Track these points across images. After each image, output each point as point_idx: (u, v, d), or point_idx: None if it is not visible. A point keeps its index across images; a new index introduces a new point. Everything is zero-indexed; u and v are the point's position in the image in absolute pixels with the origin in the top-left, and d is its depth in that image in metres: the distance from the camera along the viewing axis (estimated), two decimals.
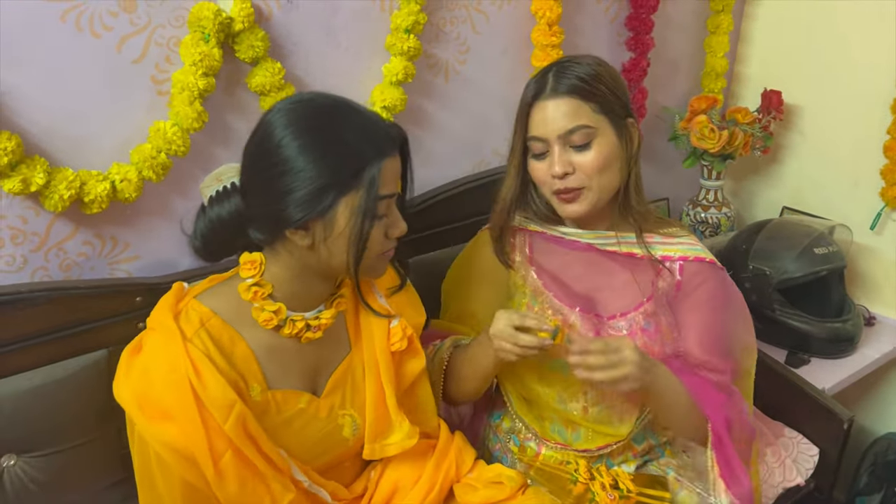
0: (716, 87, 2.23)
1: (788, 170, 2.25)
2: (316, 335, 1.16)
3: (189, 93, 1.27)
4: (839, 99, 2.08)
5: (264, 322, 1.11)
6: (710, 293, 1.35)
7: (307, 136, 1.04)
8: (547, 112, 1.25)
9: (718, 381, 1.33)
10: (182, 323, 1.07)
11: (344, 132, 1.05)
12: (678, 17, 2.12)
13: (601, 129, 1.24)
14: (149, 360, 1.05)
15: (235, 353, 1.10)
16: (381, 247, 1.10)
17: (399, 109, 1.56)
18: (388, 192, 1.07)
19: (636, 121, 1.30)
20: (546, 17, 1.72)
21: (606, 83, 1.25)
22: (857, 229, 2.04)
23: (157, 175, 1.29)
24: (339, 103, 1.09)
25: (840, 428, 1.64)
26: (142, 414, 1.02)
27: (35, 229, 1.26)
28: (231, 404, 1.03)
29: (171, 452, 1.02)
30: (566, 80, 1.24)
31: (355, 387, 1.22)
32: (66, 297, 1.25)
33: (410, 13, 1.51)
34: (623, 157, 1.27)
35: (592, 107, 1.23)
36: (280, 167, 1.03)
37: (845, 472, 1.83)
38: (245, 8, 1.31)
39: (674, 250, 1.35)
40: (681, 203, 2.27)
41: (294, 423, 1.15)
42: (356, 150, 1.04)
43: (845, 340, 1.90)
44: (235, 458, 1.03)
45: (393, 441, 1.21)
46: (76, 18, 1.20)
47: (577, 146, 1.24)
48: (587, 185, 1.26)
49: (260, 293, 1.11)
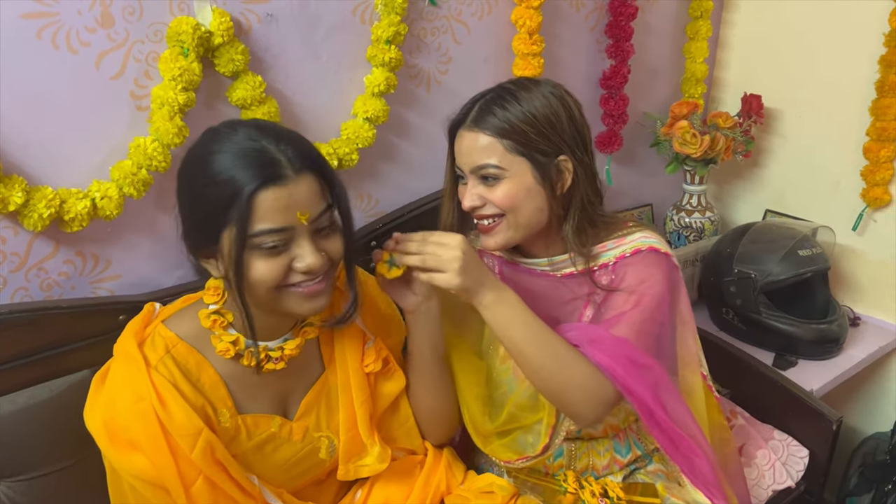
0: (696, 92, 2.24)
1: (770, 173, 2.27)
2: (278, 366, 1.12)
3: (169, 108, 1.26)
4: (818, 102, 2.09)
5: (221, 352, 1.08)
6: (633, 276, 1.24)
7: (188, 170, 1.02)
8: (463, 143, 1.23)
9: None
10: (147, 350, 1.06)
11: (216, 162, 0.97)
12: (657, 24, 2.13)
13: (513, 171, 1.19)
14: (114, 390, 1.03)
15: (202, 378, 1.08)
16: (278, 280, 1.00)
17: (382, 120, 1.55)
18: (268, 226, 0.96)
19: (577, 158, 1.22)
20: (526, 26, 1.73)
21: (535, 124, 1.18)
22: (840, 231, 2.06)
23: (137, 192, 1.27)
24: (224, 131, 1.01)
25: (829, 429, 1.64)
26: (111, 445, 1.01)
27: (14, 249, 1.24)
28: (197, 432, 1.02)
29: (144, 484, 1.01)
30: (486, 117, 1.20)
31: (330, 407, 1.20)
32: (48, 318, 1.23)
33: (391, 24, 1.50)
34: (543, 195, 1.21)
35: (507, 145, 1.19)
36: (178, 199, 1.04)
37: (835, 473, 1.84)
38: (224, 22, 1.30)
39: (617, 252, 1.27)
40: (664, 208, 2.28)
41: (265, 447, 1.13)
42: (226, 180, 0.95)
43: (831, 341, 1.91)
44: (206, 485, 1.02)
45: (367, 462, 1.20)
46: (52, 35, 1.18)
47: (487, 180, 1.21)
48: (503, 212, 1.22)
49: (219, 322, 1.09)
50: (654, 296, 1.22)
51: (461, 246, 1.11)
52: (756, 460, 1.62)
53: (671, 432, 1.22)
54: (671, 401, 1.22)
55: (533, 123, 1.18)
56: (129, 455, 1.00)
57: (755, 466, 1.60)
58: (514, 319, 1.15)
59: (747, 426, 1.70)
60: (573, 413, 1.19)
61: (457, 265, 1.10)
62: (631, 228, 1.30)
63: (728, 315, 1.98)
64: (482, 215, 1.24)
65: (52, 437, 1.22)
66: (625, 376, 1.15)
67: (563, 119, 1.21)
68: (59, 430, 1.22)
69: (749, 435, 1.67)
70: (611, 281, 1.26)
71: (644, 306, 1.21)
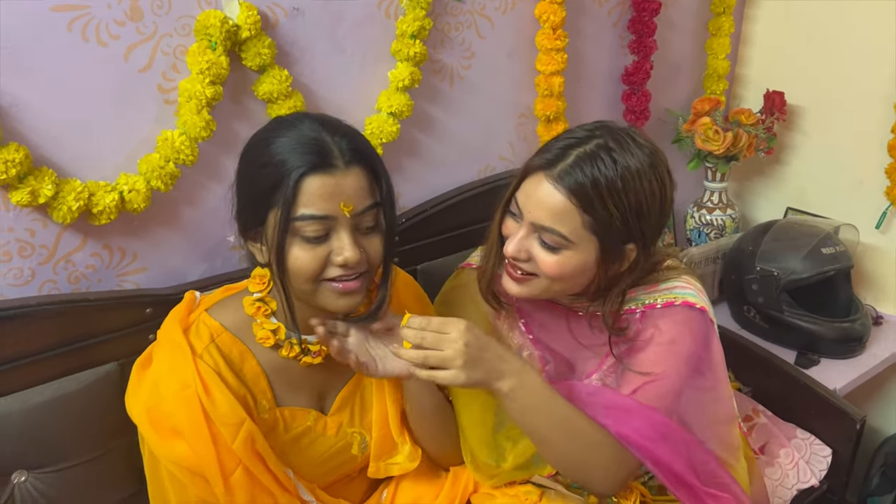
0: (718, 88, 2.22)
1: (792, 170, 2.25)
2: (315, 360, 1.12)
3: (196, 101, 1.26)
4: (842, 98, 2.08)
5: (261, 340, 1.09)
6: (663, 334, 1.13)
7: (248, 150, 1.05)
8: (538, 191, 1.07)
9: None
10: (192, 337, 1.06)
11: (274, 146, 1.00)
12: (680, 20, 2.11)
13: (580, 246, 1.06)
14: (159, 376, 1.04)
15: (245, 369, 1.09)
16: (316, 271, 1.00)
17: (406, 115, 1.55)
18: (311, 212, 0.97)
19: (644, 245, 1.11)
20: (550, 21, 1.72)
21: (625, 211, 1.03)
22: (863, 229, 2.04)
23: (165, 185, 1.28)
24: (291, 119, 1.05)
25: (852, 428, 1.63)
26: (153, 431, 1.02)
27: (43, 242, 1.24)
28: (240, 422, 1.02)
29: (183, 471, 1.02)
30: (579, 178, 1.03)
31: (364, 405, 1.20)
32: (75, 311, 1.23)
33: (416, 19, 1.50)
34: (595, 273, 1.10)
35: (587, 221, 1.04)
36: (236, 179, 1.06)
37: (857, 473, 1.82)
38: (252, 16, 1.30)
39: (647, 300, 1.17)
40: (685, 205, 2.27)
41: (301, 440, 1.14)
42: (278, 162, 0.98)
43: (854, 340, 1.90)
44: (245, 476, 1.03)
45: (398, 461, 1.21)
46: (83, 27, 1.18)
47: (544, 242, 1.08)
48: (539, 276, 1.11)
49: (263, 310, 1.10)
50: (687, 358, 1.12)
51: (464, 336, 1.00)
52: (779, 459, 1.61)
53: (701, 493, 1.14)
54: (702, 463, 1.15)
55: (624, 210, 1.04)
56: (171, 442, 1.01)
57: (778, 466, 1.59)
58: (536, 406, 1.05)
59: (770, 425, 1.69)
60: (593, 490, 1.16)
61: (460, 361, 0.99)
62: (666, 273, 1.18)
63: (750, 313, 1.97)
64: (519, 267, 1.12)
65: (80, 429, 1.22)
66: (654, 451, 1.08)
67: (655, 210, 1.08)
68: (87, 422, 1.23)
69: (772, 433, 1.66)
70: (637, 332, 1.15)
71: (675, 370, 1.11)
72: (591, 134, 1.09)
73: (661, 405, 1.10)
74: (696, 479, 1.12)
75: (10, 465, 1.18)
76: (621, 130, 1.10)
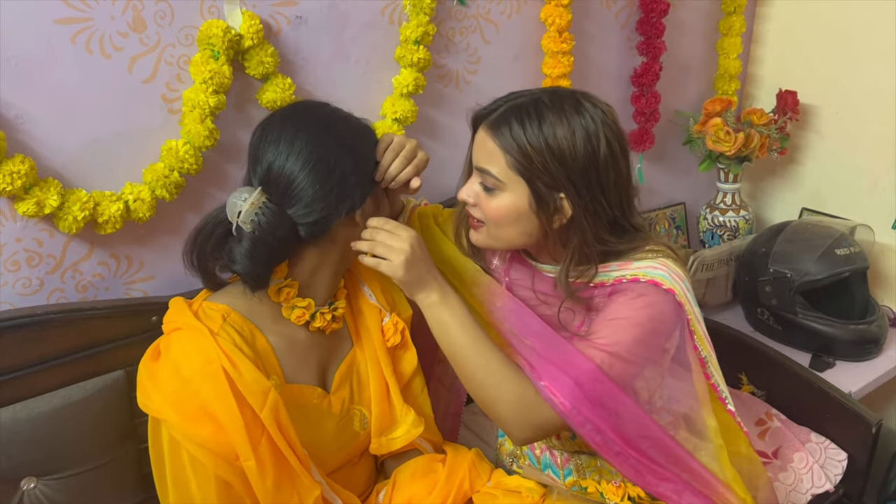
0: (729, 89, 2.20)
1: (806, 171, 2.22)
2: (338, 325, 1.21)
3: (200, 111, 1.27)
4: (855, 97, 2.05)
5: (297, 318, 1.16)
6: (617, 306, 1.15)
7: (326, 132, 1.13)
8: (476, 139, 1.18)
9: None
10: (204, 320, 1.09)
11: (356, 120, 1.20)
12: (689, 20, 2.10)
13: (511, 188, 1.12)
14: (179, 359, 1.05)
15: (257, 345, 1.12)
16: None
17: (411, 121, 1.55)
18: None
19: (582, 200, 1.11)
20: (556, 24, 1.71)
21: (543, 154, 1.09)
22: (878, 229, 2.01)
23: (170, 194, 1.29)
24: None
25: (868, 432, 1.60)
26: (177, 415, 1.03)
27: (50, 251, 1.26)
28: (266, 391, 1.05)
29: (206, 453, 1.03)
30: (502, 125, 1.12)
31: (360, 382, 1.25)
32: (83, 319, 1.24)
33: (419, 24, 1.50)
34: (535, 223, 1.14)
35: (509, 161, 1.11)
36: (315, 161, 1.09)
37: (874, 477, 1.79)
38: (254, 24, 1.31)
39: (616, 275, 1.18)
40: (698, 207, 2.25)
41: (310, 416, 1.17)
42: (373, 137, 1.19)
43: (870, 342, 1.87)
44: (269, 448, 1.04)
45: (398, 434, 1.26)
46: (86, 40, 1.20)
47: (485, 186, 1.15)
48: (486, 223, 1.18)
49: (290, 293, 1.15)
50: (644, 334, 1.13)
51: (411, 240, 1.13)
52: (793, 464, 1.58)
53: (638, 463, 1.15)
54: (645, 437, 1.15)
55: (541, 152, 1.09)
56: (196, 423, 1.02)
57: (792, 470, 1.57)
58: (452, 323, 1.14)
59: (783, 428, 1.67)
60: (502, 428, 1.18)
61: (402, 257, 1.12)
62: (644, 253, 1.18)
63: (763, 315, 1.94)
64: (471, 213, 1.21)
65: (88, 436, 1.23)
66: (580, 410, 1.09)
67: (580, 159, 1.10)
68: (95, 430, 1.24)
69: (785, 437, 1.64)
70: (601, 303, 1.19)
71: (625, 345, 1.12)
72: (533, 93, 1.16)
73: (607, 371, 1.11)
74: (629, 448, 1.13)
75: (19, 472, 1.19)
76: (568, 91, 1.16)
